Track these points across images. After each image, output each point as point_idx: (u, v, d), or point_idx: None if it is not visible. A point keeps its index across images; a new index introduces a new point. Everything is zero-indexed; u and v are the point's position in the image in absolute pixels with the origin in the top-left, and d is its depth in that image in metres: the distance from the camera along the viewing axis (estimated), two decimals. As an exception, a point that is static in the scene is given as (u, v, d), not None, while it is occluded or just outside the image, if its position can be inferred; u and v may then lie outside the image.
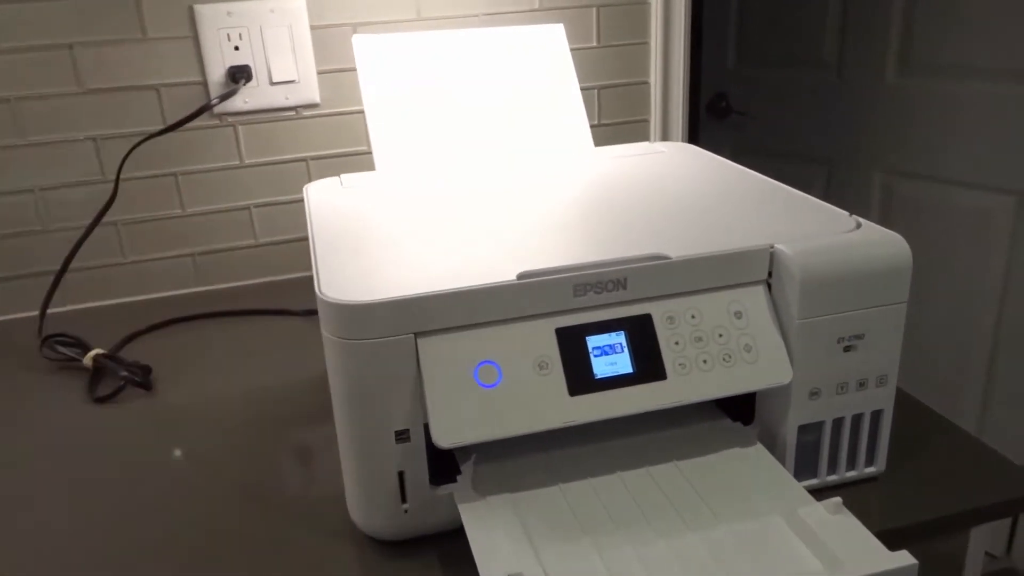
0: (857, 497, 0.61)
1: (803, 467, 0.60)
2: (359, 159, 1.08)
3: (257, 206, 1.06)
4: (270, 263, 1.09)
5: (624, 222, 0.62)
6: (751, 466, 0.57)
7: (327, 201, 0.72)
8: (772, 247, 0.56)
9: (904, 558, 0.46)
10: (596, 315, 0.55)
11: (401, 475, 0.56)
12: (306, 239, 1.10)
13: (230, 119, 1.02)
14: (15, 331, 0.98)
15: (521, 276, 0.53)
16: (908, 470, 0.64)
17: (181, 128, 0.98)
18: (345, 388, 0.53)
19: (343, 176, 0.79)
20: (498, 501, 0.55)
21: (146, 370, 0.85)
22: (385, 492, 0.56)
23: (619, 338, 0.55)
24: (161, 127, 0.99)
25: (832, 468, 0.61)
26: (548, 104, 0.87)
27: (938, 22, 1.66)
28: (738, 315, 0.57)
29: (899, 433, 0.68)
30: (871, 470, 0.62)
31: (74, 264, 1.02)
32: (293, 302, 1.01)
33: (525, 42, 0.89)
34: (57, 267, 1.02)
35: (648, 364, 0.55)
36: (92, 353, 0.86)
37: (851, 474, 0.62)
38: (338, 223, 0.66)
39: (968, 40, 1.62)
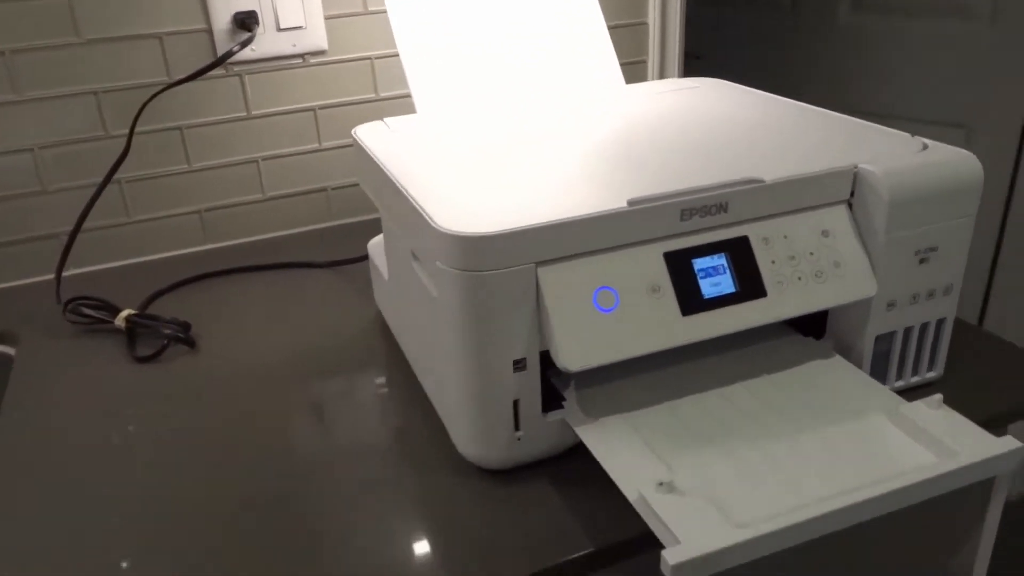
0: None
1: (876, 375, 0.65)
2: (369, 107, 1.06)
3: (265, 159, 1.04)
4: (278, 217, 1.07)
5: (707, 150, 0.64)
6: (837, 375, 0.61)
7: (385, 144, 0.71)
8: (856, 168, 0.59)
9: (1010, 443, 0.51)
10: (700, 239, 0.57)
11: (516, 404, 0.57)
12: (316, 191, 1.08)
13: (236, 68, 0.98)
14: (24, 297, 0.93)
15: (632, 202, 0.55)
16: (959, 374, 0.69)
17: (193, 79, 0.94)
18: (466, 320, 0.54)
19: (387, 120, 0.78)
20: (611, 421, 0.57)
21: (186, 326, 0.83)
22: (501, 422, 0.57)
23: (721, 260, 0.57)
24: (165, 78, 0.95)
25: (900, 375, 0.66)
26: (576, 43, 0.87)
27: (890, -37, 1.73)
28: (825, 234, 0.60)
29: (942, 342, 0.73)
30: (931, 375, 0.67)
31: (76, 225, 0.98)
32: (309, 255, 1.00)
33: (549, -19, 0.89)
34: (59, 230, 0.97)
35: (749, 283, 0.57)
36: (124, 313, 0.83)
37: (915, 379, 0.66)
38: (411, 164, 0.66)
39: (920, -20, 1.69)
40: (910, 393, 0.67)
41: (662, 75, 1.19)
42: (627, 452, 0.54)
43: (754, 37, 2.04)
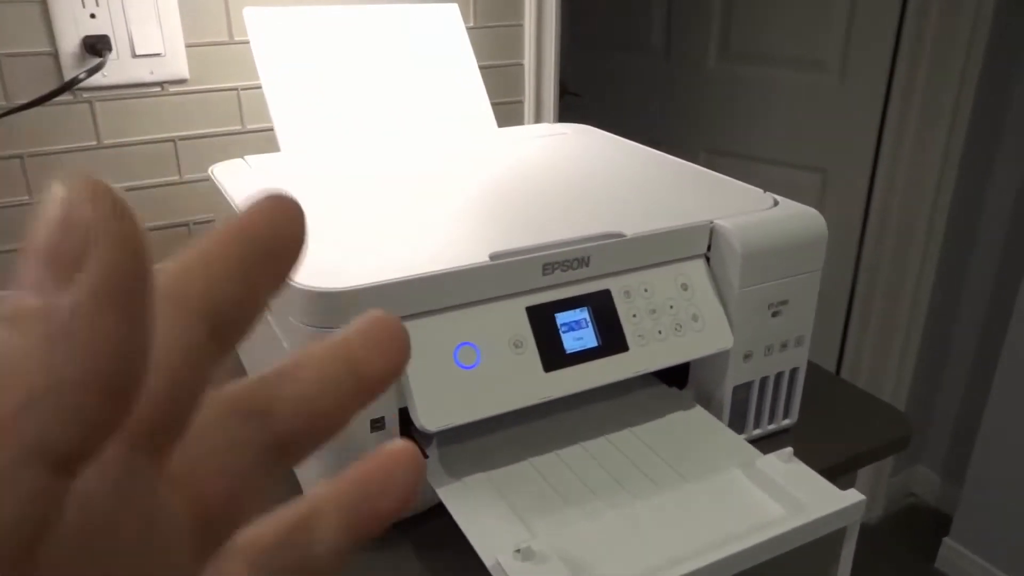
0: (777, 447, 0.68)
1: (734, 424, 0.66)
2: (234, 139, 1.01)
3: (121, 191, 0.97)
4: (133, 253, 1.00)
5: (571, 203, 0.64)
6: (697, 426, 0.62)
7: (243, 184, 0.68)
8: (712, 223, 0.61)
9: (854, 496, 0.52)
10: (562, 292, 0.57)
11: (374, 464, 0.54)
12: (177, 225, 1.02)
13: (86, 95, 0.92)
14: None
15: (494, 256, 0.54)
16: (812, 420, 0.72)
17: (36, 106, 0.87)
18: (319, 379, 0.51)
19: (248, 158, 0.75)
20: (474, 481, 0.56)
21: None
22: (357, 483, 0.54)
23: (583, 314, 0.57)
24: (3, 102, 0.88)
25: (757, 422, 0.67)
26: (448, 83, 0.86)
27: (752, 14, 1.82)
28: (684, 287, 0.61)
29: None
30: (787, 422, 0.69)
31: None
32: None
33: (421, 20, 0.88)
34: None
35: (611, 337, 0.57)
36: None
37: (771, 426, 0.68)
38: (269, 208, 0.62)
39: (777, 31, 1.79)
40: (767, 440, 0.69)
41: (538, 114, 1.20)
42: (489, 516, 0.52)
43: (630, 79, 2.11)
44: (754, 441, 0.68)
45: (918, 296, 1.75)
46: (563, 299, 0.56)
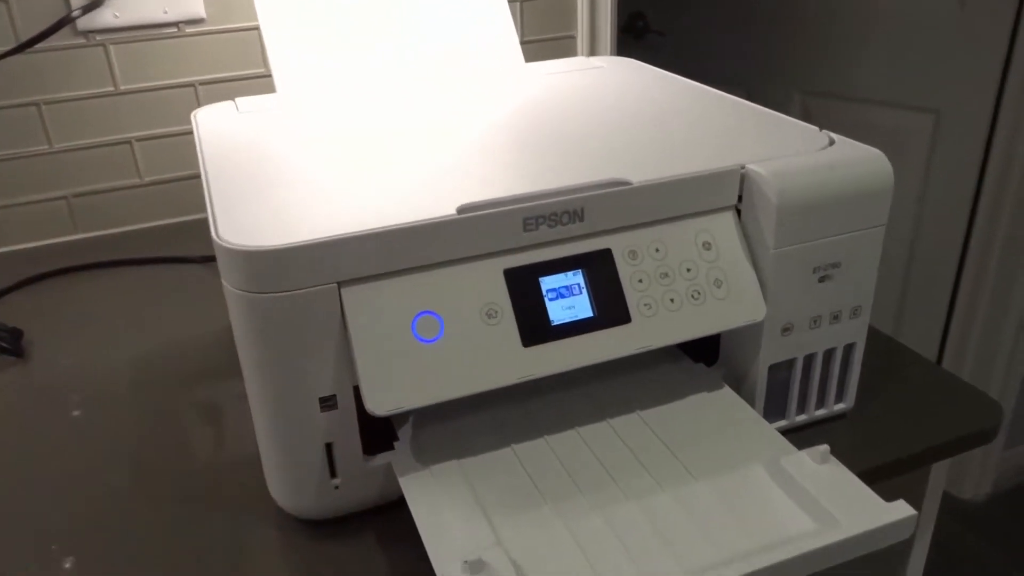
0: (827, 436, 0.57)
1: (772, 408, 0.56)
2: (256, 83, 0.95)
3: (139, 139, 0.93)
4: (159, 205, 0.97)
5: (574, 146, 0.54)
6: (720, 412, 0.52)
7: (221, 129, 0.61)
8: (743, 168, 0.50)
9: (902, 509, 0.42)
10: (550, 252, 0.47)
11: (329, 447, 0.48)
12: (199, 176, 0.97)
13: (99, 37, 0.87)
14: None
15: (461, 210, 0.45)
16: (875, 405, 0.60)
17: (40, 49, 0.84)
18: (257, 351, 0.44)
19: (238, 100, 0.68)
20: (443, 469, 0.48)
21: (15, 333, 0.73)
22: (311, 467, 0.48)
23: (577, 278, 0.48)
24: (14, 45, 0.84)
25: (802, 407, 0.57)
26: (470, 14, 0.77)
27: (858, -66, 1.62)
28: (707, 246, 0.50)
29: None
30: (840, 406, 0.58)
31: (-79, 212, 0.88)
32: (189, 248, 0.90)
33: (442, -57, 0.78)
34: (-100, 216, 0.87)
35: (610, 306, 0.48)
36: (-52, 316, 0.73)
37: (820, 412, 0.57)
38: (236, 155, 0.56)
39: (888, -47, 1.58)
40: (816, 428, 0.58)
41: (592, 51, 1.09)
42: (452, 513, 0.45)
43: (718, 14, 1.93)
44: (801, 428, 0.58)
45: (1042, 254, 1.54)
46: (550, 260, 0.47)
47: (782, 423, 0.56)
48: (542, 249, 0.47)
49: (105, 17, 0.85)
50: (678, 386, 0.55)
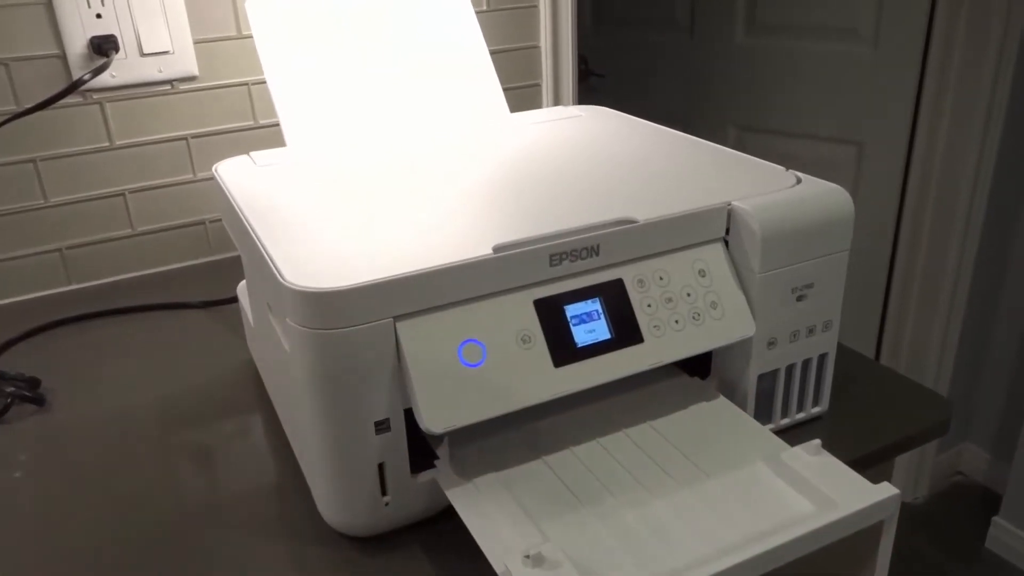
0: (807, 436, 0.64)
1: (760, 413, 0.63)
2: (247, 135, 1.00)
3: (133, 191, 0.97)
4: (151, 253, 1.00)
5: (580, 189, 0.61)
6: (721, 418, 0.59)
7: (246, 181, 0.66)
8: (730, 205, 0.58)
9: (887, 489, 0.49)
10: (572, 283, 0.54)
11: (381, 467, 0.53)
12: (193, 224, 1.01)
13: (96, 96, 0.91)
14: None
15: (497, 249, 0.51)
16: (842, 406, 0.68)
17: (42, 109, 0.87)
18: (319, 382, 0.49)
19: (253, 154, 0.73)
20: (485, 481, 0.54)
21: (34, 382, 0.75)
22: (364, 487, 0.53)
23: (595, 305, 0.55)
24: (13, 106, 0.87)
25: (785, 412, 0.64)
26: (458, 69, 0.84)
27: (781, -16, 1.76)
28: (702, 273, 0.58)
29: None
30: (816, 410, 0.66)
31: (-84, 269, 0.89)
32: (185, 294, 0.93)
33: (429, 6, 0.85)
34: None
35: (625, 328, 0.55)
36: (-36, 369, 0.75)
37: (800, 415, 0.65)
38: (271, 205, 0.61)
39: (803, 1, 1.73)
40: (797, 429, 0.66)
41: (556, 97, 1.17)
42: (500, 517, 0.50)
43: (655, 57, 2.06)
44: (784, 430, 0.65)
45: (961, 270, 1.68)
46: (573, 290, 0.54)
47: (769, 426, 0.64)
48: (565, 281, 0.54)
49: (103, 78, 0.89)
50: (679, 398, 0.61)
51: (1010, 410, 1.82)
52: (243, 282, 0.78)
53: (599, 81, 2.19)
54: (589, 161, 0.68)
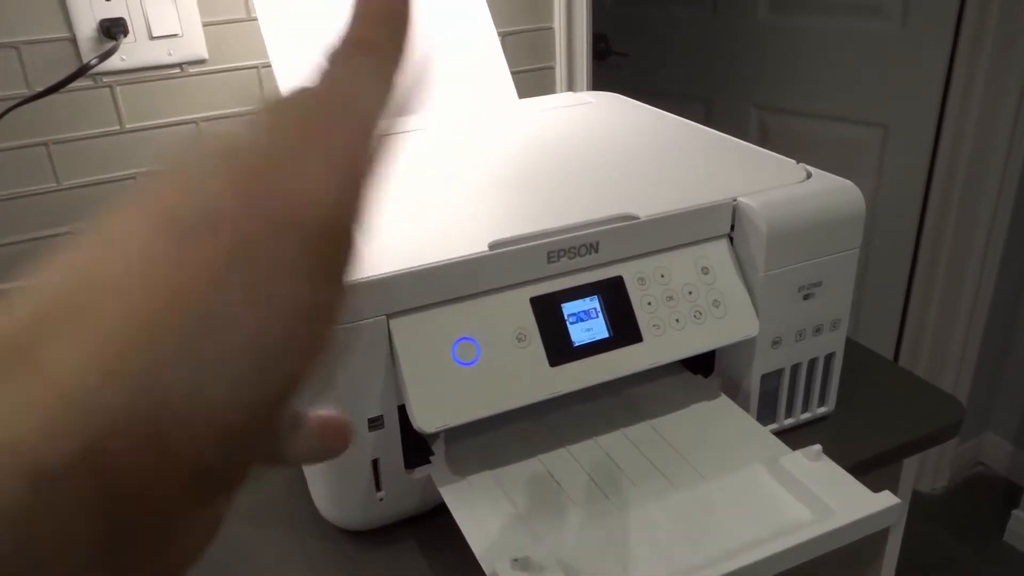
0: (812, 437, 0.63)
1: (764, 413, 0.62)
2: (255, 118, 0.99)
3: (143, 175, 0.97)
4: (162, 236, 1.00)
5: (582, 183, 0.60)
6: (721, 418, 0.58)
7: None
8: (735, 200, 0.56)
9: (888, 499, 0.48)
10: (569, 281, 0.53)
11: (375, 463, 0.53)
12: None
13: (106, 79, 0.91)
14: None
15: (493, 246, 0.50)
16: (850, 406, 0.67)
17: (52, 93, 0.87)
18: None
19: (257, 141, 0.73)
20: (479, 479, 0.53)
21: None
22: (359, 482, 0.53)
23: (593, 303, 0.54)
24: (24, 90, 0.88)
25: (789, 412, 0.63)
26: (465, 54, 0.82)
27: (808, -39, 1.72)
28: (705, 271, 0.56)
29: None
30: (823, 410, 0.65)
31: (-69, 251, 0.90)
32: (195, 278, 0.94)
33: (437, -11, 0.84)
34: (-89, 256, 0.89)
35: (623, 327, 0.54)
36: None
37: (805, 416, 0.64)
38: (270, 196, 0.60)
39: (837, -21, 1.68)
40: (802, 429, 0.64)
41: (570, 80, 1.15)
42: (492, 519, 0.50)
43: (677, 34, 2.02)
44: (789, 431, 0.64)
45: (988, 256, 1.64)
46: (570, 288, 0.53)
47: (772, 426, 0.63)
48: (563, 278, 0.53)
49: (113, 61, 0.89)
50: (681, 397, 0.61)
51: (1034, 400, 1.78)
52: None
53: (620, 60, 2.15)
54: (594, 152, 0.67)
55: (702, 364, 0.63)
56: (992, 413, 1.88)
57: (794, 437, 0.63)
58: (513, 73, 1.11)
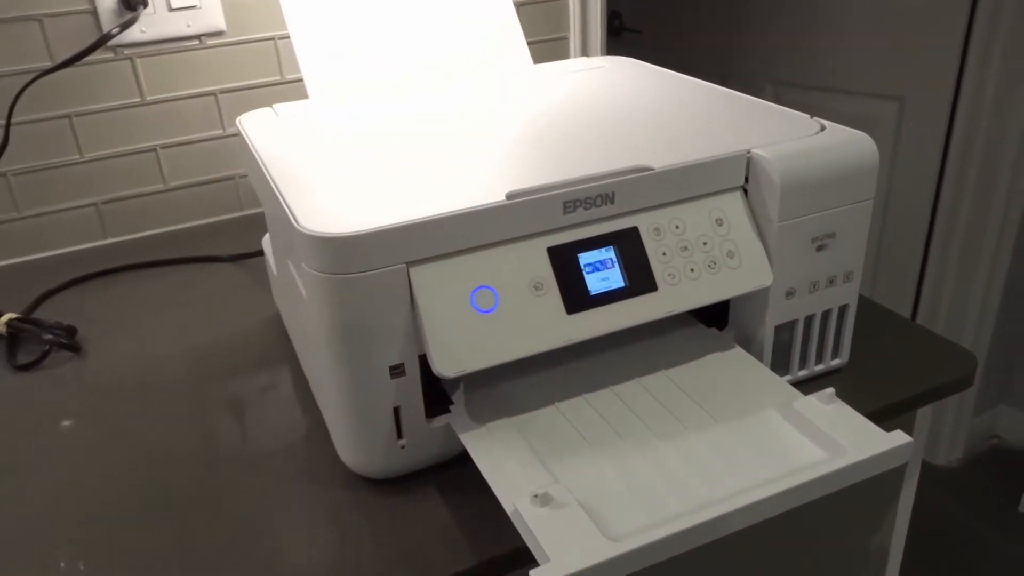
0: (824, 388, 0.64)
1: (778, 364, 0.63)
2: (274, 89, 1.01)
3: (164, 147, 0.98)
4: (183, 208, 1.02)
5: (598, 138, 0.61)
6: (735, 368, 0.59)
7: (268, 132, 0.67)
8: (749, 152, 0.57)
9: (900, 437, 0.49)
10: (585, 231, 0.54)
11: (396, 411, 0.54)
12: (223, 180, 1.03)
13: (126, 51, 0.93)
14: (-99, 301, 0.88)
15: (510, 196, 0.51)
16: (864, 359, 0.68)
17: (72, 64, 0.88)
18: (334, 326, 0.50)
19: (276, 106, 0.74)
20: (498, 426, 0.55)
21: (71, 331, 0.78)
22: (381, 430, 0.54)
23: (609, 253, 0.55)
24: (47, 62, 0.89)
25: (803, 363, 0.64)
26: (481, 21, 0.83)
27: (822, -68, 1.70)
28: (719, 222, 0.57)
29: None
30: (836, 362, 0.65)
31: (-40, 222, 0.92)
32: (215, 248, 0.95)
33: (451, -44, 0.85)
34: (-60, 227, 0.91)
35: (639, 277, 0.55)
36: (5, 318, 0.78)
37: (819, 367, 0.65)
38: (290, 155, 0.62)
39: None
40: (815, 381, 0.65)
41: (584, 51, 1.15)
42: (512, 461, 0.51)
43: (690, 11, 2.01)
44: (801, 382, 0.65)
45: (1005, 230, 1.64)
46: (587, 238, 0.54)
47: (786, 378, 0.63)
48: (579, 228, 0.54)
49: (133, 33, 0.91)
50: (695, 348, 0.62)
51: (1052, 373, 1.78)
52: (267, 235, 0.79)
53: (633, 38, 2.15)
54: (608, 109, 0.67)
55: (717, 317, 0.64)
56: (1008, 386, 1.88)
57: (807, 388, 0.64)
58: (530, 43, 1.11)
